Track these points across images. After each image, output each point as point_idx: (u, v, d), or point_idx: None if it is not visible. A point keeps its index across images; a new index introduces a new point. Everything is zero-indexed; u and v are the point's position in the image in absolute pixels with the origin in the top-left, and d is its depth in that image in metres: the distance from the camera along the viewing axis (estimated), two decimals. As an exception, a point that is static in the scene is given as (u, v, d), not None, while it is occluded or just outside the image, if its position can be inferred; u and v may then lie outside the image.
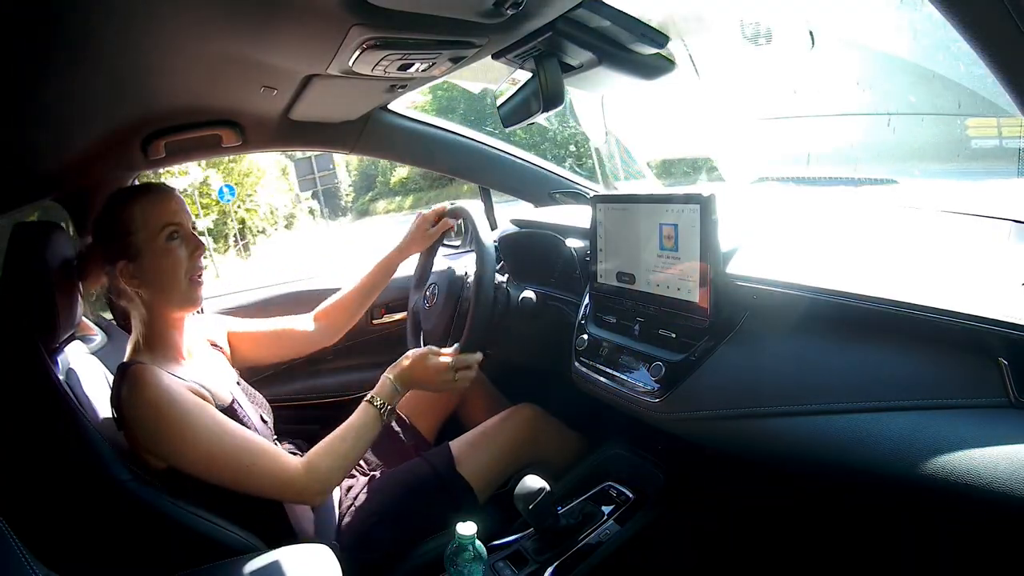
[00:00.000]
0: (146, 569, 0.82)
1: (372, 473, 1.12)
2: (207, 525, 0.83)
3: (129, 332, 0.94)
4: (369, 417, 0.93)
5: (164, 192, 0.90)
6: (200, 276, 0.92)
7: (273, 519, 0.94)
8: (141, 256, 0.87)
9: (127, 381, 0.81)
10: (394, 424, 1.24)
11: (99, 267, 0.90)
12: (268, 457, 0.86)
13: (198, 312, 1.01)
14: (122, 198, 0.89)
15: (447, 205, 1.24)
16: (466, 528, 0.79)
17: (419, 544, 1.01)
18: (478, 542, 0.80)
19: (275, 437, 1.04)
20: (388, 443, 1.21)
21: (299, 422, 1.36)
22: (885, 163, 1.18)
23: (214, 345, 1.05)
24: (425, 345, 1.27)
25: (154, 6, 0.61)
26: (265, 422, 1.01)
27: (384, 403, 0.93)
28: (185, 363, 0.92)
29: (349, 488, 1.06)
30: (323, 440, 0.90)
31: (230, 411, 0.91)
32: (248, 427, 0.92)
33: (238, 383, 1.02)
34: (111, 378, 1.02)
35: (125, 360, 0.88)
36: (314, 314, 1.21)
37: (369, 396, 0.95)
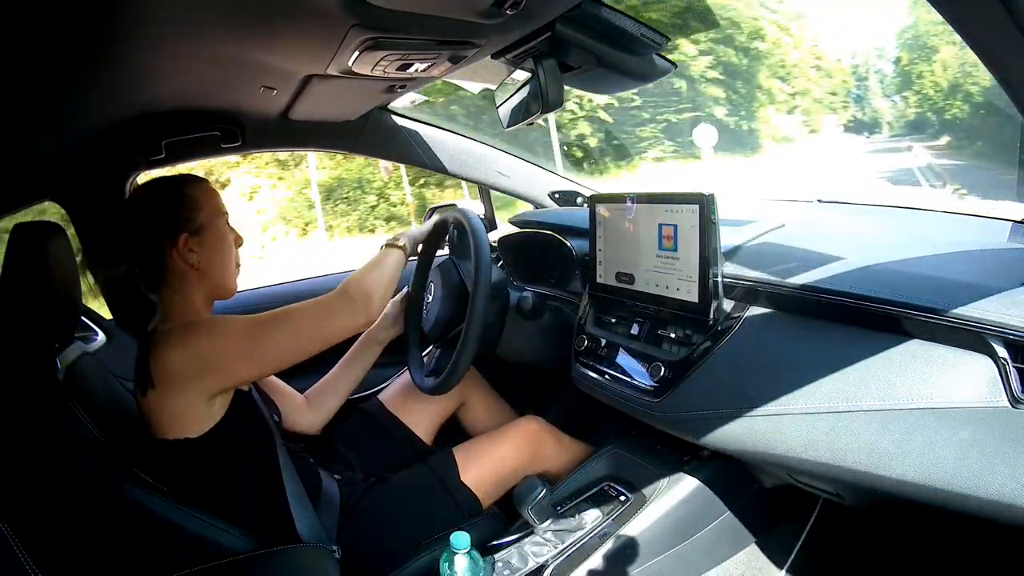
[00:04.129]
0: (145, 571, 0.82)
1: (372, 477, 1.12)
2: (207, 527, 0.83)
3: (129, 330, 0.94)
4: (388, 248, 1.03)
5: (210, 182, 0.98)
6: (240, 264, 0.99)
7: (273, 521, 0.94)
8: (204, 233, 0.91)
9: (177, 337, 0.84)
10: (391, 424, 1.24)
11: (142, 245, 0.90)
12: (300, 304, 0.92)
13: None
14: (182, 179, 0.94)
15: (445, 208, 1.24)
16: (460, 539, 0.79)
17: (421, 548, 1.01)
18: (474, 551, 0.80)
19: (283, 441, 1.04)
20: (386, 447, 1.21)
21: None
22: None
23: None
24: (425, 343, 1.27)
25: (153, 7, 0.61)
26: (277, 422, 1.01)
27: (396, 239, 1.04)
28: None
29: (350, 492, 1.06)
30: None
31: (248, 398, 0.93)
32: (262, 420, 0.95)
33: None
34: (111, 378, 1.02)
35: (153, 329, 0.90)
36: (308, 392, 1.20)
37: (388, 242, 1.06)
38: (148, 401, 0.85)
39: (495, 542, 0.98)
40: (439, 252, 1.32)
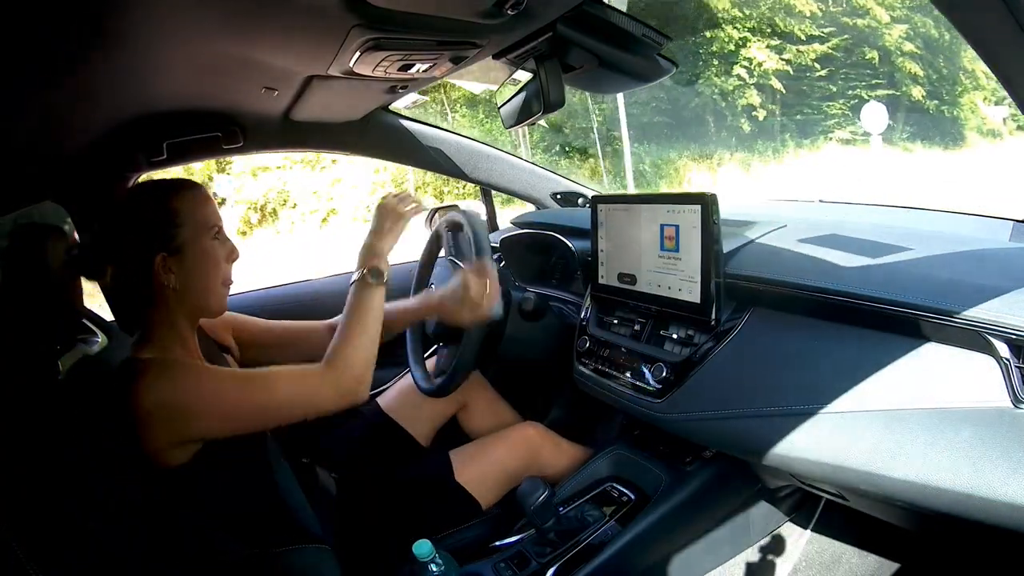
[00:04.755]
0: (145, 571, 0.82)
1: (369, 478, 1.12)
2: (206, 527, 0.83)
3: (131, 333, 0.93)
4: (358, 291, 0.90)
5: (205, 190, 0.88)
6: (231, 282, 0.90)
7: (272, 521, 0.94)
8: (184, 251, 0.83)
9: (139, 376, 0.78)
10: (389, 428, 1.23)
11: (125, 255, 0.83)
12: (287, 374, 0.84)
13: None
14: (168, 188, 0.84)
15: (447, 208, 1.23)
16: (421, 547, 0.78)
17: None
18: (441, 555, 0.80)
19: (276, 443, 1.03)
20: (383, 449, 1.20)
21: (300, 422, 1.36)
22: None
23: (222, 348, 1.04)
24: (427, 344, 1.27)
25: (155, 7, 0.62)
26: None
27: (362, 268, 0.91)
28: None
29: (347, 492, 1.06)
30: (333, 337, 0.88)
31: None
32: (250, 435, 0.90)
33: None
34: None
35: (130, 357, 0.83)
36: (333, 322, 1.09)
37: (355, 275, 0.92)
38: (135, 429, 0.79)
39: (498, 543, 0.98)
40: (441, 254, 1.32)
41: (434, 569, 0.79)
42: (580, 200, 1.59)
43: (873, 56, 10.18)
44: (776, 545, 1.05)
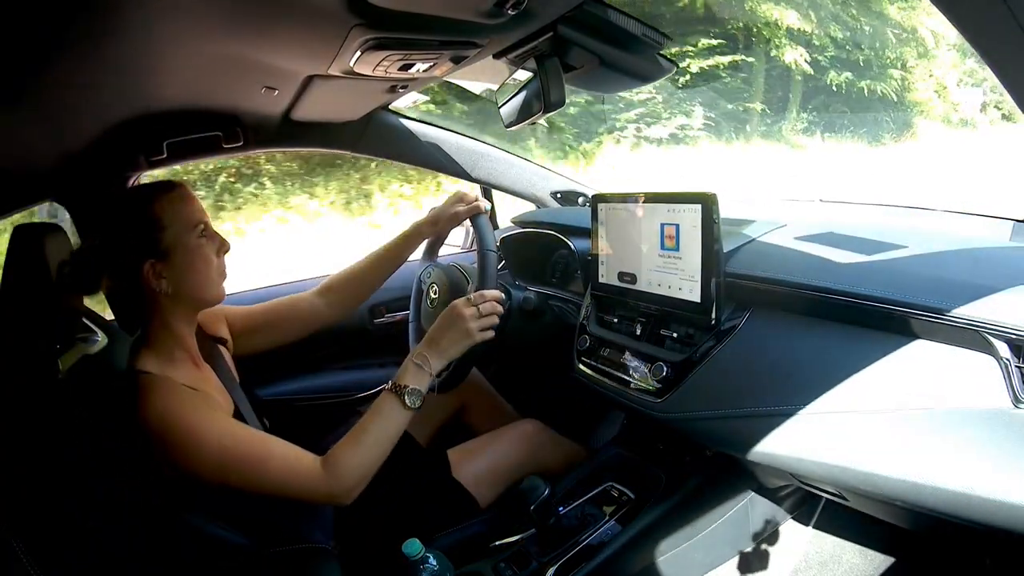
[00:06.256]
0: (145, 571, 0.82)
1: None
2: (207, 527, 0.83)
3: (132, 333, 0.93)
4: (388, 404, 0.85)
5: (186, 189, 0.88)
6: (225, 272, 0.90)
7: (272, 520, 0.94)
8: (172, 254, 0.83)
9: (136, 392, 0.79)
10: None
11: (114, 267, 0.85)
12: (283, 457, 0.81)
13: None
14: (147, 195, 0.84)
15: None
16: (411, 546, 0.78)
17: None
18: (434, 554, 0.80)
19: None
20: None
21: (299, 422, 1.36)
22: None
23: (215, 340, 1.04)
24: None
25: (155, 7, 0.61)
26: (267, 427, 1.00)
27: (406, 385, 0.85)
28: (192, 368, 0.90)
29: None
30: (346, 434, 0.84)
31: (236, 417, 0.89)
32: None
33: (240, 385, 1.02)
34: (112, 379, 1.01)
35: (131, 365, 0.84)
36: (319, 288, 1.13)
37: (390, 383, 0.87)
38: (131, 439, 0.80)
39: (498, 542, 0.98)
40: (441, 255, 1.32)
41: (424, 569, 0.79)
42: (580, 199, 1.60)
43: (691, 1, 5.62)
44: (776, 544, 1.05)
